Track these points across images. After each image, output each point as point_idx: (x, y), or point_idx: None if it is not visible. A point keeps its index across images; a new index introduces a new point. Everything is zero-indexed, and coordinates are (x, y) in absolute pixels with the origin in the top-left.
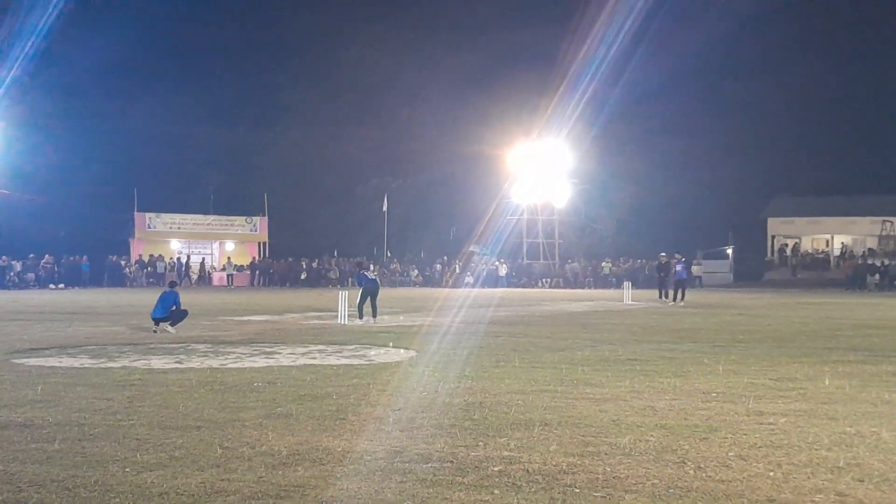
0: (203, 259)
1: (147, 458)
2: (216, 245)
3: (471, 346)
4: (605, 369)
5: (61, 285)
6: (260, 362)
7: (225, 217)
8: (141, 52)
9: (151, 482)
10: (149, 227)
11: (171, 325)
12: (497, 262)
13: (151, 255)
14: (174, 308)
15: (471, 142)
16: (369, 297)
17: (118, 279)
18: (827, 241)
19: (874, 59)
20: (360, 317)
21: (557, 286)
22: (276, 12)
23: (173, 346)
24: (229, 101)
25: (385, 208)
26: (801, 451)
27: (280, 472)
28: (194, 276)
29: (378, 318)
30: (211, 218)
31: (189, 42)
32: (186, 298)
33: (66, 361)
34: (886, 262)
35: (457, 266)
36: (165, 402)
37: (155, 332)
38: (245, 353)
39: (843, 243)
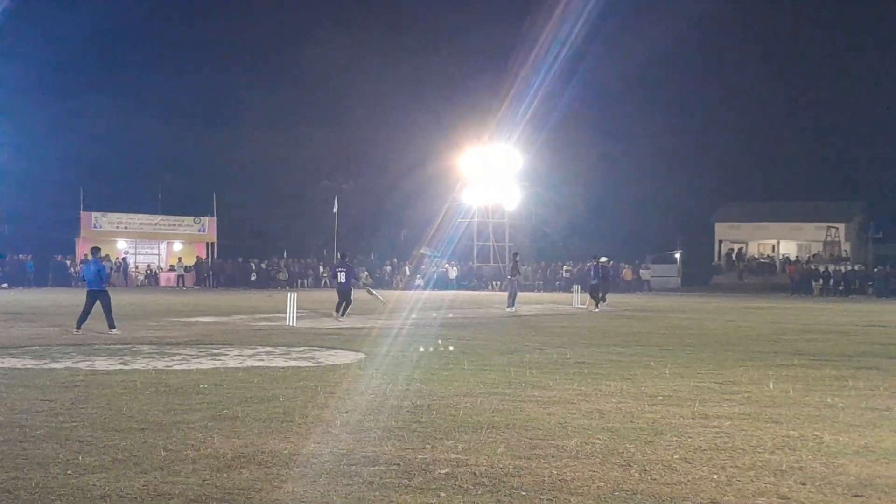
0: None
1: (90, 460)
2: (163, 245)
3: (420, 348)
4: (553, 372)
5: (4, 285)
6: (206, 364)
7: (173, 217)
8: (90, 48)
9: (94, 484)
10: (94, 227)
11: (110, 327)
12: (447, 265)
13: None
14: (107, 285)
15: (423, 144)
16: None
17: (63, 279)
18: (773, 247)
19: (822, 68)
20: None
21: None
22: (230, 12)
23: (118, 346)
24: (180, 100)
25: (335, 210)
26: (744, 454)
27: (225, 475)
28: (140, 277)
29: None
30: (158, 218)
31: (140, 39)
32: (132, 299)
33: (8, 362)
34: (831, 267)
35: (407, 268)
36: (109, 403)
37: (78, 330)
38: (191, 355)
39: (784, 255)
